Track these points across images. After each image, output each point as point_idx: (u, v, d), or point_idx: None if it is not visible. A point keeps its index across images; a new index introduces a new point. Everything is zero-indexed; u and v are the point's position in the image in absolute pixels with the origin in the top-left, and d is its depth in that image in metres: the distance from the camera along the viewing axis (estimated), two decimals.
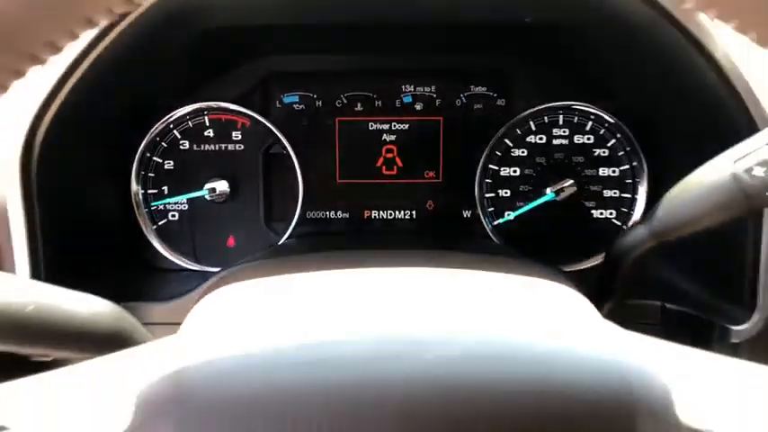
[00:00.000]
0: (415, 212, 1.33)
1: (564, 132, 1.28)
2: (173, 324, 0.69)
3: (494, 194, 1.30)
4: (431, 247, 1.17)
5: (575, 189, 1.25)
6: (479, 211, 1.29)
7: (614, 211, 1.28)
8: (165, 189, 1.29)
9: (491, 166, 1.29)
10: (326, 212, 1.32)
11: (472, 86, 1.30)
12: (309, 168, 1.30)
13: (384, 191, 1.32)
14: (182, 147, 1.28)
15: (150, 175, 1.28)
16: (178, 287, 1.16)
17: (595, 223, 1.28)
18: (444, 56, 1.32)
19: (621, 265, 0.94)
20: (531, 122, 1.28)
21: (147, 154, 1.27)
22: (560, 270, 1.09)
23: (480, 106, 1.30)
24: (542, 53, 1.27)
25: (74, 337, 0.75)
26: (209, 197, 1.27)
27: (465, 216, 1.32)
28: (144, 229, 1.28)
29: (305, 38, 1.27)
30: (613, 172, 1.27)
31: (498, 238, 1.29)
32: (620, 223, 1.28)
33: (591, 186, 1.27)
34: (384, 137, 1.31)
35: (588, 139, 1.27)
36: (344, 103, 1.31)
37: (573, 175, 1.26)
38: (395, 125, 1.31)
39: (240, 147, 1.29)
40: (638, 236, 0.91)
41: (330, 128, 1.30)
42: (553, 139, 1.28)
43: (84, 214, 1.17)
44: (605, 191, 1.28)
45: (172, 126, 1.28)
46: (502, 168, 1.29)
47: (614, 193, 1.28)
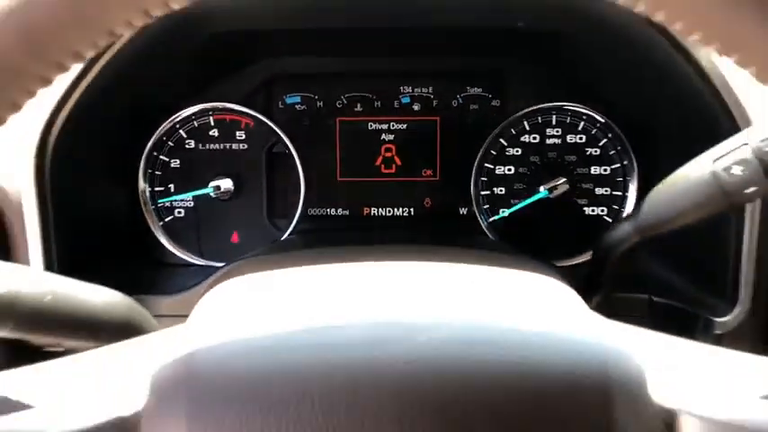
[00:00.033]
0: (413, 210, 1.34)
1: (557, 132, 1.29)
2: (180, 316, 0.69)
3: (489, 192, 1.31)
4: (428, 242, 1.17)
5: (567, 187, 1.26)
6: (475, 208, 1.31)
7: (605, 209, 1.29)
8: (171, 187, 1.30)
9: (486, 164, 1.30)
10: (327, 209, 1.34)
11: (468, 88, 1.31)
12: (311, 167, 1.31)
13: (383, 189, 1.33)
14: (187, 146, 1.30)
15: (157, 173, 1.30)
16: (184, 281, 1.17)
17: (587, 220, 1.29)
18: (441, 58, 1.32)
19: (608, 260, 0.97)
20: (525, 122, 1.29)
21: (154, 153, 1.29)
22: (552, 264, 1.11)
23: (476, 107, 1.31)
24: (536, 56, 1.28)
25: (89, 326, 0.76)
26: (213, 195, 1.28)
27: (461, 213, 1.33)
28: (151, 226, 1.30)
29: (307, 41, 1.28)
30: (605, 170, 1.29)
31: (494, 234, 1.30)
32: (611, 220, 1.29)
33: (583, 184, 1.29)
34: (383, 136, 1.32)
35: (580, 139, 1.29)
36: (345, 103, 1.32)
37: (566, 173, 1.27)
38: (393, 125, 1.32)
39: (244, 146, 1.31)
40: (623, 232, 0.93)
41: (331, 128, 1.32)
42: (546, 139, 1.29)
43: (95, 211, 1.18)
44: (597, 189, 1.29)
45: (178, 126, 1.29)
46: (497, 167, 1.30)
47: (605, 191, 1.29)
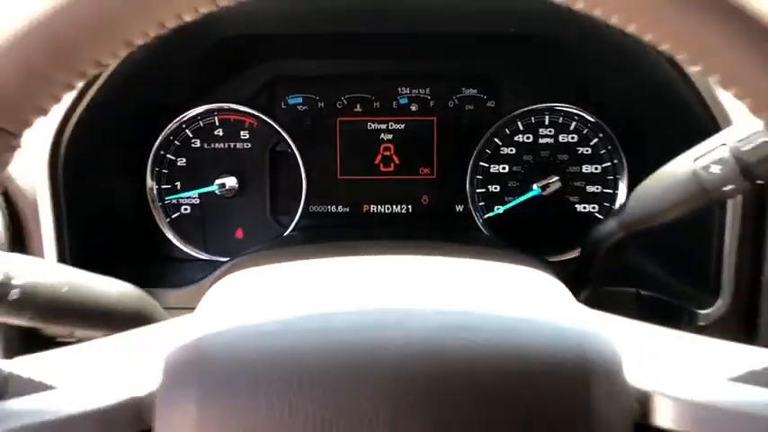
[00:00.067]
0: (410, 207, 1.36)
1: (549, 132, 1.31)
2: (187, 308, 0.71)
3: (484, 190, 1.33)
4: (424, 238, 1.19)
5: (559, 185, 1.28)
6: (471, 205, 1.32)
7: (596, 206, 1.31)
8: (177, 185, 1.32)
9: (481, 163, 1.32)
10: (328, 206, 1.36)
11: (464, 89, 1.33)
12: (312, 165, 1.33)
13: (382, 186, 1.35)
14: (193, 145, 1.32)
15: (164, 171, 1.32)
16: (191, 275, 1.20)
17: (579, 217, 1.31)
18: (438, 61, 1.34)
19: (596, 255, 1.00)
20: (518, 122, 1.31)
21: (162, 152, 1.31)
22: (543, 259, 1.13)
23: (471, 107, 1.33)
24: (528, 59, 1.30)
25: (102, 316, 0.80)
26: (218, 192, 1.30)
27: (457, 210, 1.35)
28: (158, 222, 1.32)
29: (309, 45, 1.30)
30: (596, 169, 1.30)
31: (488, 230, 1.32)
32: (602, 217, 1.30)
33: (575, 182, 1.31)
34: (382, 136, 1.34)
35: (572, 138, 1.31)
36: (345, 104, 1.34)
37: (558, 171, 1.29)
38: (392, 125, 1.34)
39: (248, 145, 1.33)
40: (610, 227, 0.97)
41: (331, 127, 1.34)
42: (539, 138, 1.31)
43: (105, 208, 1.21)
44: (588, 186, 1.31)
45: (184, 126, 1.31)
46: (492, 165, 1.32)
47: (596, 189, 1.31)
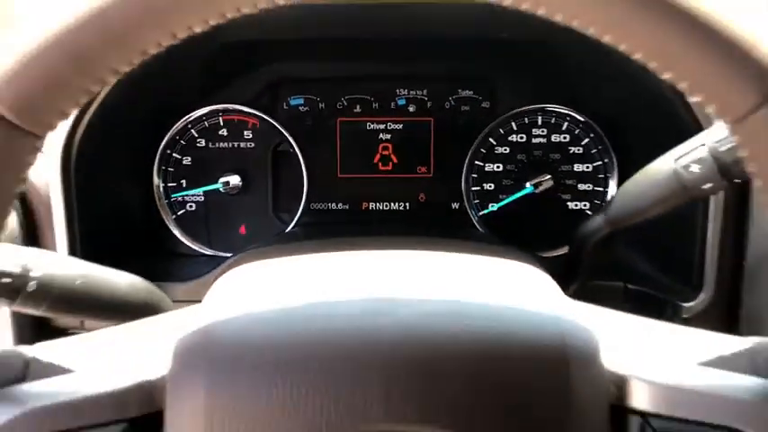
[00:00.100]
0: (408, 204, 1.38)
1: (542, 132, 1.33)
2: (193, 301, 0.73)
3: (479, 188, 1.36)
4: (421, 234, 1.19)
5: (552, 183, 1.31)
6: (466, 202, 1.35)
7: (587, 203, 1.34)
8: (183, 182, 1.35)
9: (477, 162, 1.35)
10: (328, 204, 1.38)
11: (460, 90, 1.35)
12: (313, 164, 1.35)
13: (380, 185, 1.37)
14: (198, 144, 1.34)
15: (170, 170, 1.34)
16: (196, 270, 1.22)
17: (570, 214, 1.34)
18: (435, 64, 1.36)
19: (584, 250, 1.03)
20: (512, 123, 1.33)
21: (168, 151, 1.33)
22: (534, 254, 1.13)
23: (467, 108, 1.36)
24: (522, 62, 1.33)
25: (113, 307, 0.84)
26: (222, 190, 1.33)
27: (453, 207, 1.37)
28: (165, 219, 1.34)
29: (310, 48, 1.32)
30: (587, 168, 1.33)
31: (483, 227, 1.35)
32: (592, 214, 1.31)
33: (566, 181, 1.33)
34: (380, 136, 1.36)
35: (564, 138, 1.33)
36: (345, 105, 1.36)
37: (550, 170, 1.32)
38: (390, 125, 1.36)
39: (251, 144, 1.35)
40: (596, 224, 1.00)
41: (332, 128, 1.36)
42: (533, 138, 1.34)
43: (114, 205, 1.24)
44: (579, 185, 1.34)
45: (190, 126, 1.33)
46: (486, 164, 1.35)
47: (588, 187, 1.33)
